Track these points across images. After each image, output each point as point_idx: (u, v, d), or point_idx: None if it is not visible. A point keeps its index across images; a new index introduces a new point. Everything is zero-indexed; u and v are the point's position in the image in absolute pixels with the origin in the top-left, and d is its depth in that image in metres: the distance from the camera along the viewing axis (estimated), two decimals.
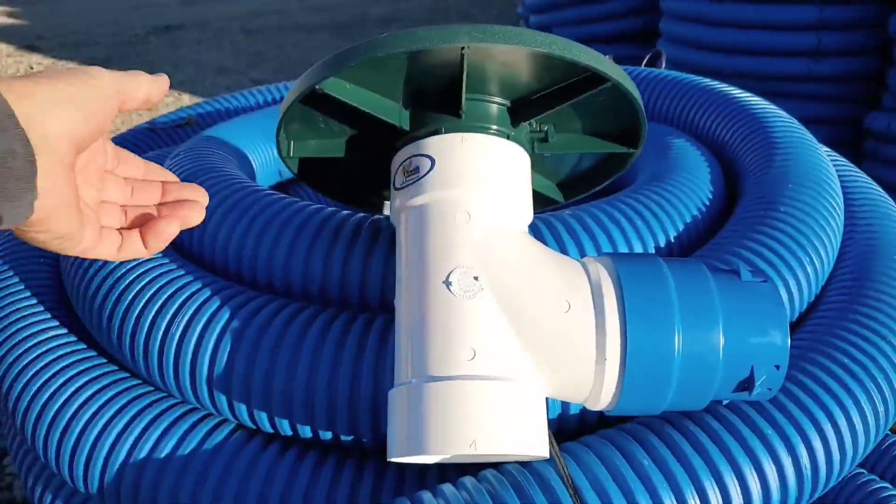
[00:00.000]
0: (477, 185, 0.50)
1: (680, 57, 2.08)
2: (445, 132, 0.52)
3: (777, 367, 0.47)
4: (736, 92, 0.93)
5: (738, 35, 1.97)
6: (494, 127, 0.53)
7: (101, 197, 0.44)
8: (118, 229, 0.44)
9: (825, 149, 0.85)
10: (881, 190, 0.85)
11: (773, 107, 0.89)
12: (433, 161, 0.51)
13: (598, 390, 0.47)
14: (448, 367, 0.45)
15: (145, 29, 4.70)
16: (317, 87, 0.49)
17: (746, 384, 0.48)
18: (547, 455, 0.47)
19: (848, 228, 0.75)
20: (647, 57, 1.21)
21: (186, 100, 3.13)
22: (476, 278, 0.47)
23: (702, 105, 0.93)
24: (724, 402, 0.54)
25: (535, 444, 0.46)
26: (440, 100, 0.52)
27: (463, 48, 0.46)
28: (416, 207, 0.51)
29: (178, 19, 4.98)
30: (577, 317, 0.46)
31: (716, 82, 0.97)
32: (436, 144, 0.51)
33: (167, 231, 0.44)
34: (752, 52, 1.96)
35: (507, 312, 0.47)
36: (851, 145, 1.90)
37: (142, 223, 0.45)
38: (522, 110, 0.54)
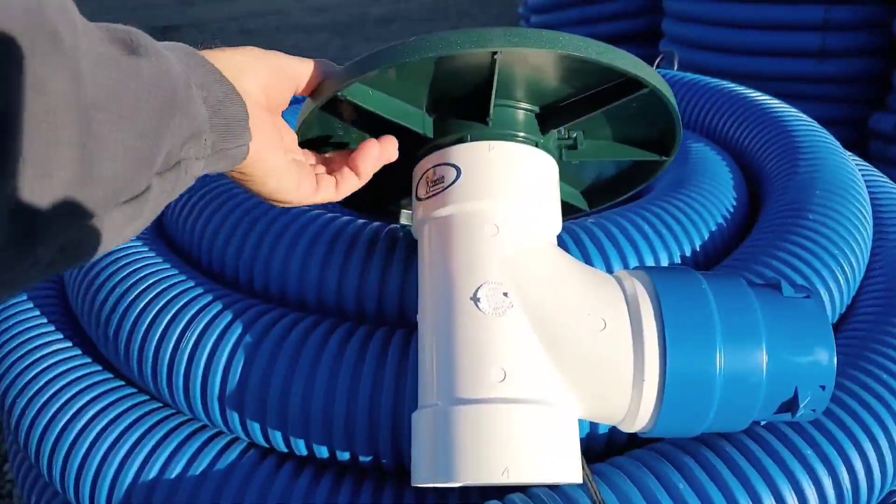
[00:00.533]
0: (505, 196, 0.48)
1: (683, 57, 2.06)
2: (472, 140, 0.49)
3: (822, 387, 0.45)
4: (754, 94, 0.91)
5: (742, 35, 1.95)
6: (522, 134, 0.51)
7: (308, 161, 0.51)
8: (328, 174, 0.50)
9: (850, 154, 0.83)
10: None
11: (793, 110, 0.87)
12: (459, 171, 0.48)
13: (635, 412, 0.45)
14: (477, 389, 0.43)
15: (143, 30, 4.66)
16: (339, 93, 0.46)
17: (790, 405, 0.46)
18: (580, 480, 0.45)
19: (876, 234, 0.73)
20: (658, 59, 1.19)
21: None
22: (506, 294, 0.45)
23: (719, 108, 0.91)
24: (763, 423, 0.51)
25: (568, 469, 0.43)
26: (466, 106, 0.50)
27: (495, 53, 0.44)
28: (440, 219, 0.49)
29: (175, 20, 4.95)
30: (614, 335, 0.44)
31: (732, 84, 0.95)
32: (462, 153, 0.49)
33: (371, 151, 0.49)
34: (755, 52, 1.94)
35: (539, 330, 0.44)
36: (856, 147, 1.88)
37: (344, 162, 0.50)
38: (552, 117, 0.52)
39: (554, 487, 0.49)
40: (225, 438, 0.59)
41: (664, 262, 0.63)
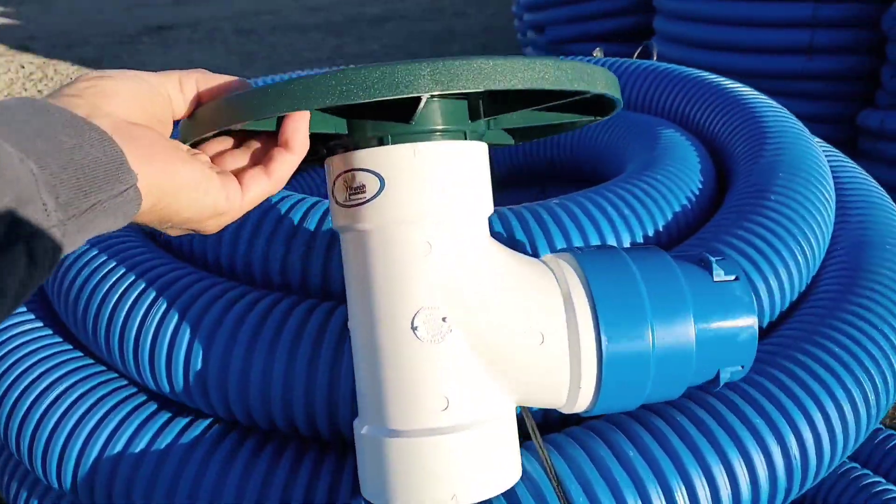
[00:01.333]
0: (435, 208, 0.43)
1: (674, 55, 2.07)
2: (393, 142, 0.43)
3: (742, 367, 0.47)
4: (726, 82, 0.92)
5: (732, 32, 1.96)
6: (450, 127, 0.45)
7: (212, 154, 0.43)
8: (252, 167, 0.42)
9: (816, 139, 0.84)
10: (873, 180, 0.84)
11: (763, 96, 0.88)
12: (382, 181, 0.43)
13: (573, 403, 0.46)
14: (419, 419, 0.43)
15: (137, 29, 4.68)
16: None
17: (712, 383, 0.47)
18: (518, 477, 0.46)
19: (839, 218, 0.74)
20: (637, 51, 1.20)
21: None
22: (444, 319, 0.43)
23: (692, 95, 0.92)
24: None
25: (511, 475, 0.45)
26: (385, 104, 0.41)
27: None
28: (366, 232, 0.44)
29: (170, 19, 4.96)
30: (552, 345, 0.44)
31: (705, 73, 0.96)
32: (383, 160, 0.43)
33: (302, 118, 0.40)
34: (745, 49, 1.95)
35: (479, 350, 0.44)
36: (846, 143, 1.88)
37: (261, 151, 0.43)
38: (484, 106, 0.46)
39: None
40: (190, 414, 0.60)
41: (626, 244, 0.64)
